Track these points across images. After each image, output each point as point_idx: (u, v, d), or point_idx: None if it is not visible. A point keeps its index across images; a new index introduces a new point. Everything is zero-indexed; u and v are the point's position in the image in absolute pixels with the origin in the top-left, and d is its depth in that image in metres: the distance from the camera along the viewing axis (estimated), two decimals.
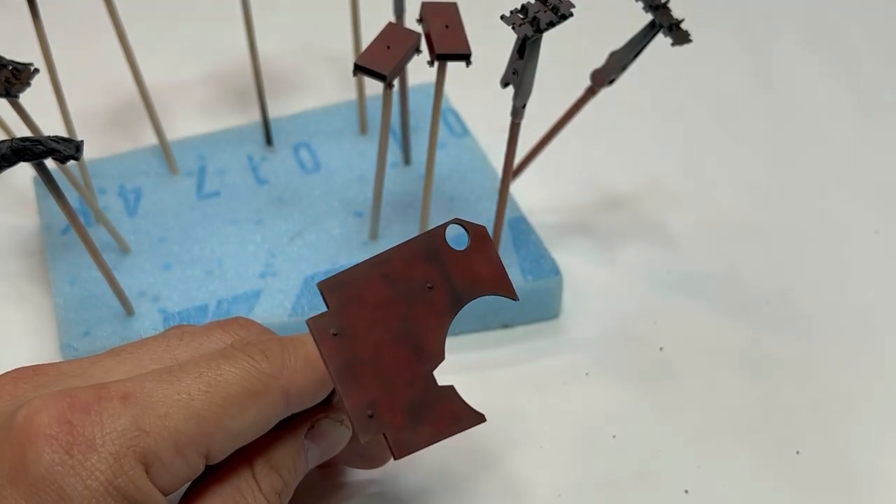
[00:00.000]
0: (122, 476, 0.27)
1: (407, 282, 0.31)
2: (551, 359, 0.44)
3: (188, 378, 0.30)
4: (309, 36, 0.61)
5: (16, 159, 0.34)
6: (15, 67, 0.38)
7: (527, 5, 0.36)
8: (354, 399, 0.30)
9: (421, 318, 0.31)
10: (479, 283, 0.31)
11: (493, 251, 0.32)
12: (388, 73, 0.37)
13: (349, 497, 0.38)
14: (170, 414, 0.29)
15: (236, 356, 0.31)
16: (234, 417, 0.30)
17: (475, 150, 0.50)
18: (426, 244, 0.31)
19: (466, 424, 0.31)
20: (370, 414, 0.30)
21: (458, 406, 0.31)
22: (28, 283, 0.46)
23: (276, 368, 0.31)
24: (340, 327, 0.30)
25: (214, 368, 0.30)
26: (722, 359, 0.44)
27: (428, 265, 0.31)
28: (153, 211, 0.47)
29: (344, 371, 0.30)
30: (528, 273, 0.44)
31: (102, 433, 0.28)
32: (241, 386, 0.30)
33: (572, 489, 0.39)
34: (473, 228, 0.31)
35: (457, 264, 0.31)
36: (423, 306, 0.31)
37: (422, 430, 0.30)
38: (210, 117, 0.55)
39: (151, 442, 0.28)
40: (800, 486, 0.39)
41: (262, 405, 0.30)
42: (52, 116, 0.44)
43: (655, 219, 0.50)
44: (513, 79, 0.38)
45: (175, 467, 0.29)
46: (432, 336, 0.31)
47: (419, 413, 0.30)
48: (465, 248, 0.31)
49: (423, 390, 0.31)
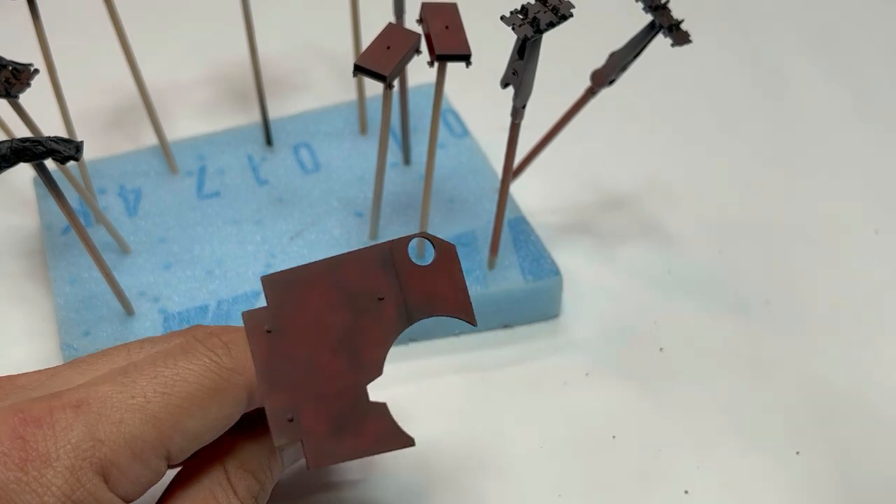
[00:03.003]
0: (80, 489, 0.27)
1: (357, 290, 0.30)
2: (551, 359, 0.44)
3: (143, 379, 0.29)
4: (309, 36, 0.61)
5: (16, 160, 0.34)
6: (15, 67, 0.38)
7: (527, 6, 0.36)
8: (275, 400, 0.28)
9: (365, 330, 0.29)
10: (436, 302, 0.30)
11: (459, 272, 0.30)
12: (388, 74, 0.37)
13: (346, 498, 0.38)
14: (125, 420, 0.28)
15: (196, 351, 0.30)
16: (194, 417, 0.29)
17: (475, 150, 0.50)
18: (385, 254, 0.30)
19: (392, 445, 0.29)
20: (290, 418, 0.28)
21: (386, 424, 0.29)
22: (28, 283, 0.46)
23: (238, 363, 0.30)
24: (276, 325, 0.29)
25: (171, 367, 0.29)
26: (722, 359, 0.44)
27: (382, 276, 0.30)
28: (153, 211, 0.47)
29: (270, 370, 0.29)
30: (528, 273, 0.44)
31: (56, 447, 0.27)
32: (200, 384, 0.29)
33: (572, 489, 0.39)
34: (442, 245, 0.30)
35: (414, 279, 0.30)
36: (370, 318, 0.29)
37: (344, 443, 0.29)
38: (210, 117, 0.55)
39: (107, 451, 0.27)
40: (800, 486, 0.39)
41: (224, 403, 0.30)
42: (52, 116, 0.44)
43: (655, 219, 0.50)
44: (513, 79, 0.38)
45: (135, 473, 0.28)
46: (373, 349, 0.29)
47: (344, 425, 0.29)
48: (428, 263, 0.30)
49: (353, 403, 0.29)
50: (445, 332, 0.44)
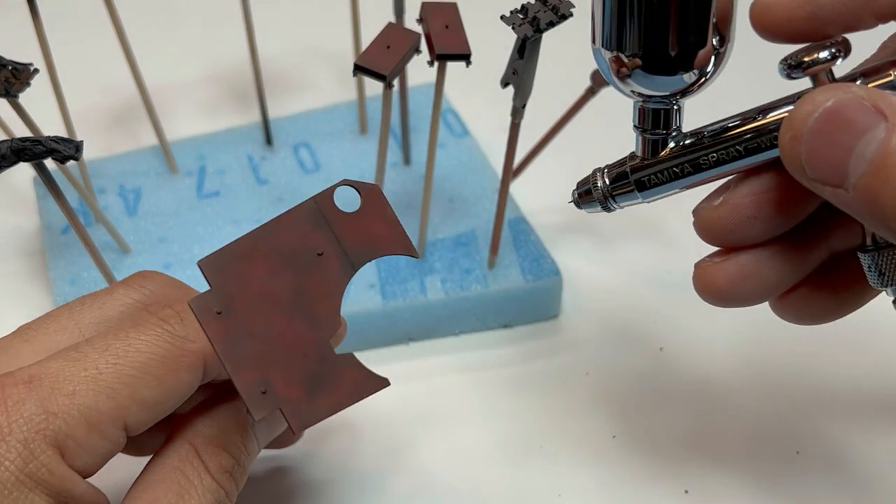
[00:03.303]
0: (33, 461, 0.27)
1: (294, 250, 0.29)
2: (551, 359, 0.44)
3: (94, 352, 0.29)
4: (309, 36, 0.61)
5: (15, 159, 0.34)
6: (15, 67, 0.38)
7: (527, 5, 0.36)
8: (244, 378, 0.28)
9: (313, 287, 0.29)
10: (374, 244, 0.30)
11: (388, 209, 0.30)
12: (388, 74, 0.37)
13: (343, 497, 0.38)
14: (77, 391, 0.28)
15: (148, 322, 0.30)
16: (149, 386, 0.29)
17: (475, 150, 0.50)
18: (312, 210, 0.30)
19: (368, 390, 0.29)
20: (263, 391, 0.28)
21: (358, 372, 0.29)
22: (28, 282, 0.46)
23: (191, 331, 0.30)
24: (225, 305, 0.29)
25: (123, 339, 0.29)
26: (722, 359, 0.44)
27: (316, 231, 0.30)
28: (153, 211, 0.47)
29: (232, 350, 0.28)
30: (528, 273, 0.44)
31: (9, 422, 0.27)
32: (153, 353, 0.29)
33: (572, 489, 0.39)
34: (365, 187, 0.30)
35: (347, 227, 0.30)
36: (314, 274, 0.29)
37: (321, 401, 0.29)
38: (210, 117, 0.55)
39: (61, 423, 0.27)
40: (800, 486, 0.39)
41: (179, 371, 0.29)
42: (52, 116, 0.44)
43: (655, 219, 0.50)
44: (513, 79, 0.38)
45: (92, 445, 0.28)
46: (326, 304, 0.29)
47: (317, 383, 0.29)
48: (357, 210, 0.30)
49: (320, 360, 0.29)
50: (445, 332, 0.44)
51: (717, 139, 0.31)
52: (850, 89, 0.27)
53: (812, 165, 0.27)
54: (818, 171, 0.27)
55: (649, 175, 0.32)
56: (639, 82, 0.30)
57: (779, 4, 0.29)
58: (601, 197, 0.33)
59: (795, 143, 0.27)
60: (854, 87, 0.27)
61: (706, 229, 0.32)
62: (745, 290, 0.32)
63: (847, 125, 0.26)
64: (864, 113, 0.26)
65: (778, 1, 0.29)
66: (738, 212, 0.31)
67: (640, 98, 0.31)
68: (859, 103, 0.26)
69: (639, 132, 0.32)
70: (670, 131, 0.31)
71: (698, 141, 0.31)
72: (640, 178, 0.32)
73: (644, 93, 0.31)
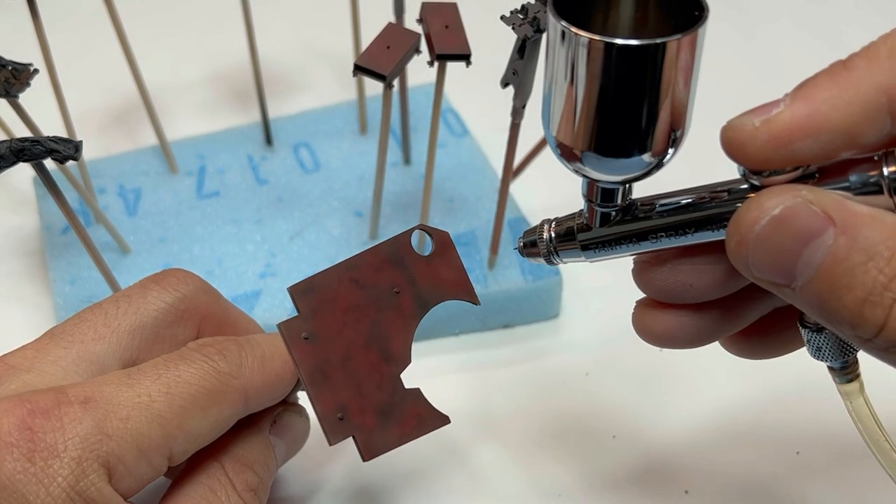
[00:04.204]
0: (84, 480, 0.27)
1: (375, 286, 0.31)
2: (551, 359, 0.44)
3: (147, 380, 0.29)
4: (309, 36, 0.61)
5: (15, 159, 0.34)
6: (15, 67, 0.38)
7: (527, 5, 0.36)
8: (325, 402, 0.30)
9: (389, 323, 0.31)
10: (443, 288, 0.32)
11: (456, 256, 0.32)
12: (388, 74, 0.37)
13: (342, 497, 0.38)
14: (131, 417, 0.28)
15: (193, 357, 0.30)
16: (196, 418, 0.30)
17: (475, 150, 0.50)
18: (392, 250, 0.32)
19: (432, 426, 0.32)
20: (340, 416, 0.30)
21: (423, 408, 0.32)
22: (28, 282, 0.46)
23: (234, 368, 0.31)
24: (311, 331, 0.31)
25: (173, 369, 0.30)
26: (722, 358, 0.44)
27: (395, 270, 0.32)
28: (153, 211, 0.47)
29: (315, 374, 0.31)
30: (528, 273, 0.44)
31: (64, 438, 0.27)
32: (200, 386, 0.30)
33: (572, 489, 0.39)
34: (437, 234, 0.32)
35: (421, 269, 0.32)
36: (391, 311, 0.31)
37: (390, 432, 0.31)
38: (210, 117, 0.55)
39: (114, 446, 0.28)
40: (800, 486, 0.39)
41: (223, 405, 0.30)
42: (52, 116, 0.44)
43: None
44: (513, 79, 0.38)
45: (139, 471, 0.29)
46: (399, 339, 0.31)
47: (387, 415, 0.31)
48: (429, 253, 0.32)
49: (392, 393, 0.31)
50: (445, 331, 0.44)
51: (667, 217, 0.30)
52: (800, 193, 0.26)
53: (758, 268, 0.27)
54: (764, 273, 0.27)
55: (595, 241, 0.31)
56: (591, 166, 0.28)
57: (752, 145, 0.28)
58: (545, 251, 0.32)
59: (742, 248, 0.27)
60: (804, 191, 0.26)
61: (644, 283, 0.31)
62: (682, 339, 0.32)
63: (794, 233, 0.26)
64: (812, 219, 0.25)
65: (751, 141, 0.28)
66: (676, 277, 0.31)
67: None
68: (807, 209, 0.26)
69: (587, 202, 0.30)
70: (621, 205, 0.30)
71: (647, 215, 0.30)
72: (586, 242, 0.31)
73: (594, 178, 0.29)
